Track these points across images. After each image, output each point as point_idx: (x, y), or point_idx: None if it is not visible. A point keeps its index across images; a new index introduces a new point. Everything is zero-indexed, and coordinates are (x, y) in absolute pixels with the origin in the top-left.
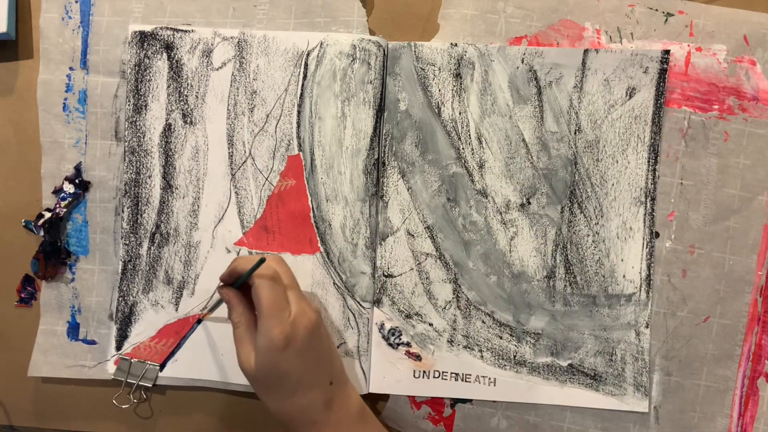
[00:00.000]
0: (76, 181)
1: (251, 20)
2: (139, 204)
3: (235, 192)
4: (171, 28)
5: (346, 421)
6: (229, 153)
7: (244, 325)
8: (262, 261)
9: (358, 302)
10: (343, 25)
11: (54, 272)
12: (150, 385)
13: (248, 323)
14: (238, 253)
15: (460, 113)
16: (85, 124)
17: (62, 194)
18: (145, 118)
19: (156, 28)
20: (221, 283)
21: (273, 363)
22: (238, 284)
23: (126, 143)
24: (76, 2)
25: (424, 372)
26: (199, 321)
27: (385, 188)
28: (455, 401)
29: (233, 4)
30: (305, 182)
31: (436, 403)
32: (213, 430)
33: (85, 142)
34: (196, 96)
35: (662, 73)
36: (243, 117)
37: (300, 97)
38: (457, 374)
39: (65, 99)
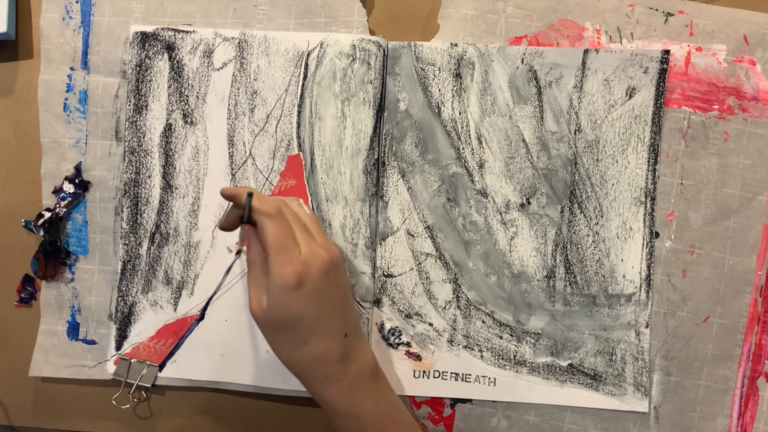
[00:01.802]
0: (76, 181)
1: (251, 20)
2: (139, 204)
3: None
4: (172, 29)
5: (360, 379)
6: (229, 153)
7: (259, 266)
8: (250, 195)
9: (358, 302)
10: (343, 25)
11: (54, 272)
12: (149, 386)
13: (263, 264)
14: (237, 253)
15: (460, 113)
16: (85, 124)
17: (62, 194)
18: (146, 118)
19: (157, 28)
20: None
21: (285, 304)
22: (246, 219)
23: (126, 143)
24: (77, 2)
25: (424, 372)
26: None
27: (385, 188)
28: (455, 401)
29: (233, 4)
30: (305, 182)
31: (436, 403)
32: (212, 430)
33: (86, 142)
34: (197, 96)
35: (662, 73)
36: (243, 117)
37: (300, 98)
38: (457, 374)
39: (66, 99)
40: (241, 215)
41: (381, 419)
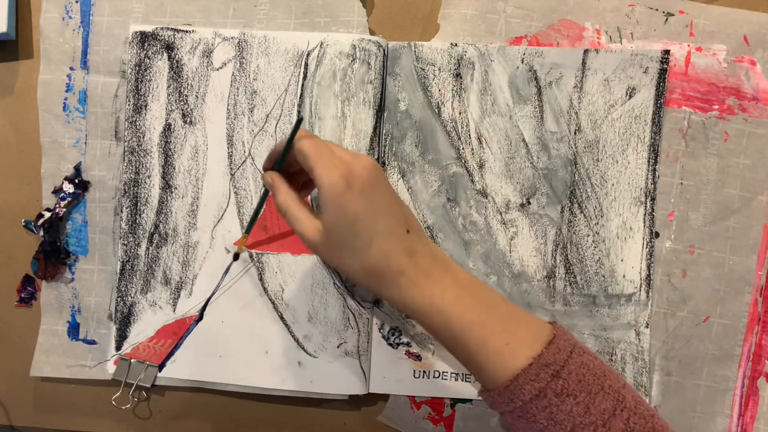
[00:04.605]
0: (76, 180)
1: (251, 20)
2: (138, 204)
3: (235, 192)
4: (172, 29)
5: (435, 270)
6: (228, 153)
7: (294, 203)
8: (300, 120)
9: (358, 302)
10: (343, 25)
11: (54, 272)
12: (149, 386)
13: (296, 200)
14: (235, 257)
15: (460, 113)
16: (85, 124)
17: (62, 194)
18: (145, 117)
19: (157, 28)
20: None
21: (339, 207)
22: (283, 156)
23: (126, 143)
24: (77, 2)
25: (424, 372)
26: (251, 222)
27: None
28: (455, 401)
29: (233, 4)
30: None
31: (436, 403)
32: (211, 430)
33: (85, 142)
34: (196, 96)
35: (662, 73)
36: (243, 117)
37: (300, 97)
38: (457, 374)
39: (65, 99)
40: (277, 157)
41: (467, 311)
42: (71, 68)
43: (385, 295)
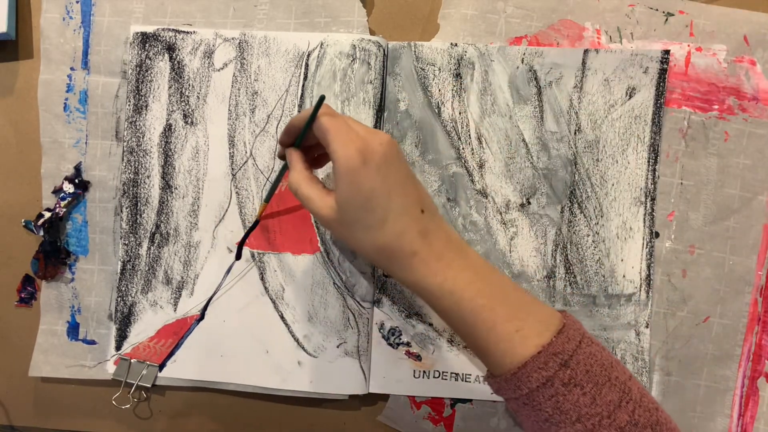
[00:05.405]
0: (76, 181)
1: (252, 20)
2: (139, 204)
3: (236, 192)
4: (173, 30)
5: (447, 253)
6: (230, 153)
7: (306, 182)
8: (322, 98)
9: (358, 302)
10: (344, 25)
11: (54, 272)
12: (149, 386)
13: (307, 179)
14: (237, 256)
15: (460, 113)
16: (85, 124)
17: (62, 194)
18: (146, 118)
19: (158, 29)
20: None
21: (355, 183)
22: (304, 132)
23: (125, 143)
24: (77, 2)
25: (424, 372)
26: (271, 191)
27: None
28: (455, 401)
29: (234, 4)
30: None
31: (436, 403)
32: (212, 430)
33: (86, 142)
34: (198, 96)
35: (662, 73)
36: (244, 117)
37: (301, 98)
38: (457, 374)
39: (66, 99)
40: (296, 132)
41: (478, 296)
42: (72, 68)
43: (396, 274)
